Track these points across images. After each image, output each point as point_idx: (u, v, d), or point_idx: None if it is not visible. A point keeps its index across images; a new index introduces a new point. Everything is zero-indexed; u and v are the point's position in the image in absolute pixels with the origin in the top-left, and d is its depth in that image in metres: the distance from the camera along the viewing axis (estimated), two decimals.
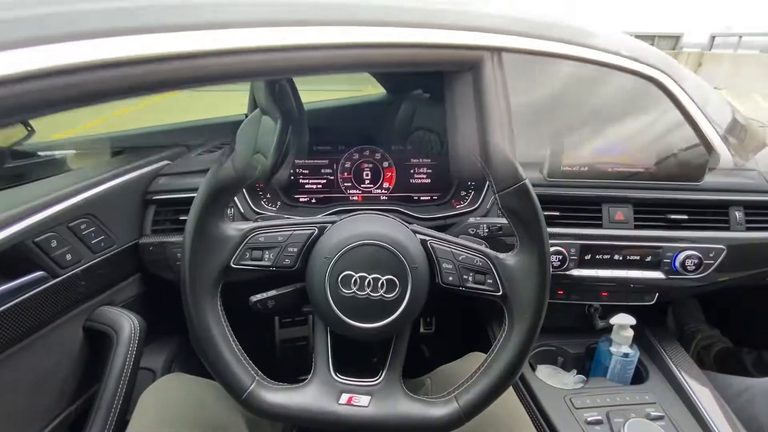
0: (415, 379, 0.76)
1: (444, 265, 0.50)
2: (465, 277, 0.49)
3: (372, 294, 0.47)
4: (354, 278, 0.47)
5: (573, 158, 0.77)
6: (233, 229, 0.48)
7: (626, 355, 0.80)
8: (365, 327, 0.47)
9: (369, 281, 0.47)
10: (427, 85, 0.99)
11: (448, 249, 0.50)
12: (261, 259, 0.49)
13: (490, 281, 0.49)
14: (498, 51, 0.47)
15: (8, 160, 0.77)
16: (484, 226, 0.66)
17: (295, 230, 0.50)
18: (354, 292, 0.47)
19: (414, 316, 0.50)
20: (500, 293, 0.49)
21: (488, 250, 0.50)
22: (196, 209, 0.45)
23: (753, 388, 0.80)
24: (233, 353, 0.48)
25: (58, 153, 0.81)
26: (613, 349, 0.81)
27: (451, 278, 0.50)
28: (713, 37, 9.93)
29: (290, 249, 0.49)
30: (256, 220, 0.58)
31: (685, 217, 0.77)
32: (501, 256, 0.50)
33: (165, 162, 0.82)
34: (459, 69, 0.47)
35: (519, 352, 0.48)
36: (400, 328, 0.50)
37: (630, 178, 0.79)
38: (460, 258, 0.50)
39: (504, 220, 0.68)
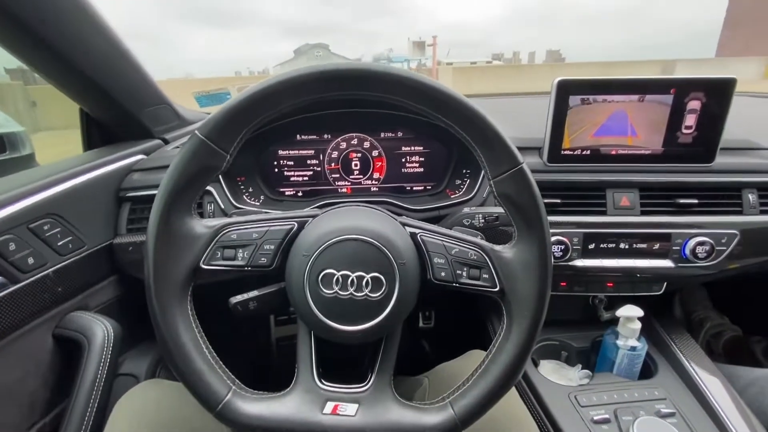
0: (413, 378, 0.72)
1: (435, 260, 0.46)
2: (458, 272, 0.45)
3: (356, 294, 0.42)
4: (336, 277, 0.42)
5: (574, 141, 0.72)
6: (202, 226, 0.43)
7: (633, 348, 0.76)
8: (349, 330, 0.43)
9: (352, 280, 0.42)
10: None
11: (440, 242, 0.46)
12: (234, 259, 0.44)
13: (486, 276, 0.45)
14: None
15: None
16: (480, 216, 0.61)
17: (271, 226, 0.46)
18: (336, 292, 0.42)
19: (404, 316, 0.45)
20: (497, 289, 0.45)
21: (483, 242, 0.46)
22: (158, 205, 0.40)
23: (762, 379, 0.75)
24: (206, 361, 0.44)
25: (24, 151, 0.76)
26: (619, 342, 0.77)
27: (443, 273, 0.45)
28: None
29: (266, 246, 0.45)
30: (231, 216, 0.54)
31: (695, 201, 0.72)
32: (497, 248, 0.45)
33: (139, 156, 0.77)
34: None
35: (518, 353, 0.43)
36: (388, 329, 0.46)
37: (635, 161, 0.74)
38: (452, 252, 0.46)
39: (501, 210, 0.63)
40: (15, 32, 0.57)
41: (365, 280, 0.42)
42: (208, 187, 0.72)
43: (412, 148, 0.81)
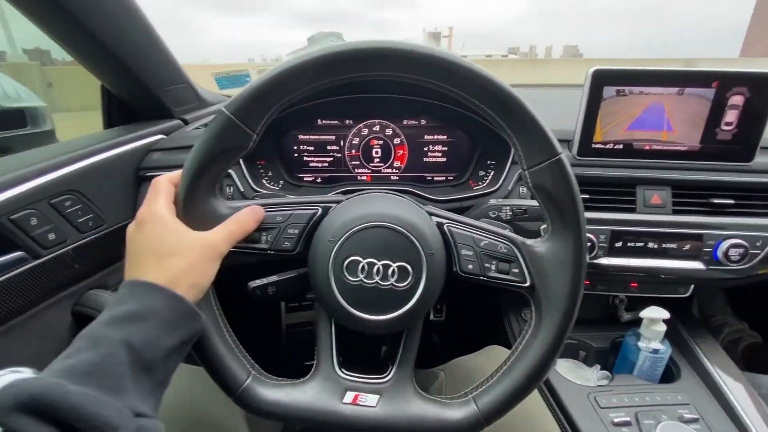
0: (428, 370, 0.71)
1: (463, 252, 0.44)
2: (487, 265, 0.43)
3: (381, 283, 0.41)
4: (361, 264, 0.41)
5: (606, 134, 0.70)
6: (226, 207, 0.42)
7: (656, 351, 0.74)
8: (373, 319, 0.42)
9: (378, 268, 0.41)
10: None
11: (468, 233, 0.44)
12: (257, 241, 0.43)
13: (515, 270, 0.43)
14: None
15: None
16: (507, 208, 0.59)
17: (295, 209, 0.44)
18: (361, 280, 0.41)
19: (428, 307, 0.44)
20: (527, 284, 0.43)
21: (514, 235, 0.44)
22: (183, 183, 0.39)
23: None
24: (226, 344, 0.43)
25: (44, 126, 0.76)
26: (641, 344, 0.75)
27: (471, 266, 0.44)
28: None
29: (290, 230, 0.44)
30: (253, 198, 0.53)
31: (731, 201, 0.69)
32: (529, 242, 0.43)
33: (159, 136, 0.76)
34: None
35: (547, 351, 0.42)
36: (412, 320, 0.45)
37: (669, 157, 0.71)
38: (481, 244, 0.44)
39: (529, 202, 0.61)
40: (43, 3, 0.56)
41: (391, 269, 0.41)
42: (228, 170, 0.71)
43: (435, 136, 0.79)
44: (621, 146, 0.70)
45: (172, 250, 0.35)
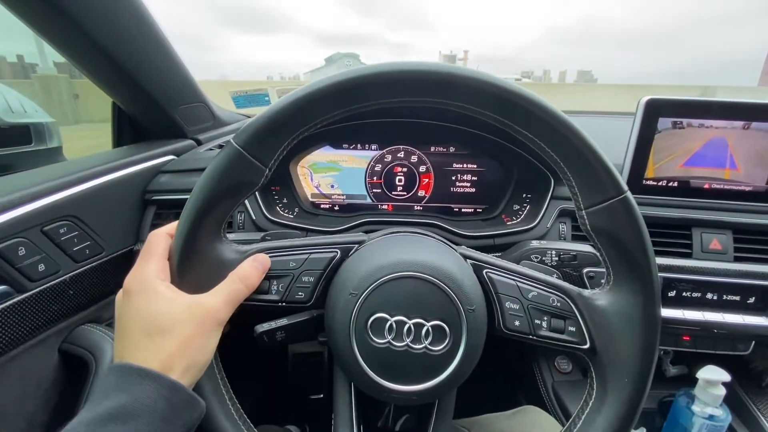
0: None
1: (507, 305, 0.37)
2: (537, 321, 0.37)
3: (413, 345, 0.34)
4: (389, 323, 0.34)
5: (659, 170, 0.62)
6: (233, 251, 0.36)
7: (712, 417, 0.65)
8: (402, 390, 0.35)
9: (409, 328, 0.34)
10: None
11: (512, 282, 0.38)
12: (267, 292, 0.37)
13: (572, 329, 0.36)
14: None
15: None
16: (552, 252, 0.52)
17: (311, 253, 0.38)
18: (389, 342, 0.34)
19: (468, 374, 0.37)
20: (587, 346, 0.36)
21: (568, 286, 0.37)
22: (184, 226, 0.33)
23: None
24: (230, 419, 0.36)
25: (51, 143, 0.71)
26: (696, 408, 0.65)
27: (517, 323, 0.37)
28: None
29: (305, 278, 0.38)
30: (263, 238, 0.47)
31: None
32: (586, 293, 0.37)
33: (170, 157, 0.71)
34: None
35: (615, 431, 0.34)
36: (447, 390, 0.37)
37: (732, 198, 0.63)
38: (529, 295, 0.37)
39: (579, 247, 0.54)
40: (47, 15, 0.53)
41: (425, 329, 0.34)
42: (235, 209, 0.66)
43: (465, 165, 0.72)
44: (676, 184, 0.63)
45: (164, 326, 0.29)
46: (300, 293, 0.37)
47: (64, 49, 0.60)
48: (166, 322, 0.29)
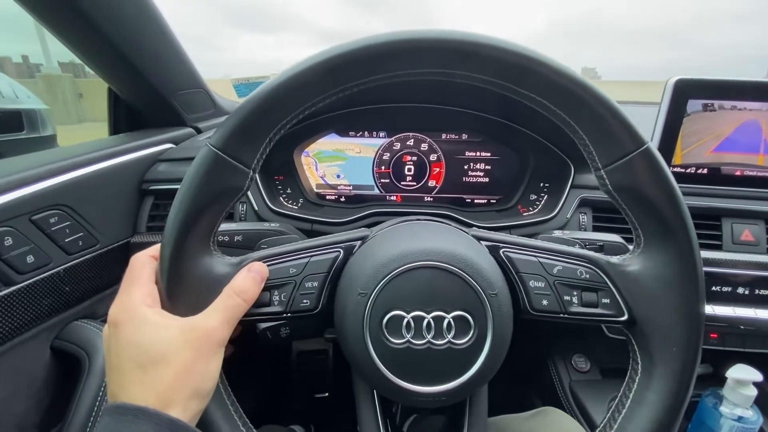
0: None
1: (532, 284, 0.34)
2: (566, 298, 0.34)
3: (435, 342, 0.31)
4: (406, 320, 0.31)
5: (688, 156, 0.58)
6: (224, 264, 0.32)
7: (741, 418, 0.61)
8: (431, 392, 0.31)
9: (428, 323, 0.31)
10: None
11: (533, 258, 0.35)
12: (268, 304, 0.33)
13: (606, 301, 0.33)
14: None
15: None
16: (578, 243, 0.48)
17: (312, 256, 0.35)
18: (408, 341, 0.31)
19: (498, 366, 0.33)
20: (625, 317, 0.33)
21: (595, 254, 0.34)
22: (168, 243, 0.29)
23: None
24: (227, 418, 0.33)
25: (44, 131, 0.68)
26: (724, 409, 0.62)
27: (545, 302, 0.34)
28: None
29: (308, 284, 0.34)
30: (260, 246, 0.43)
31: None
32: (615, 260, 0.33)
33: (168, 145, 0.68)
34: None
35: (671, 407, 0.30)
36: (478, 386, 0.34)
37: (765, 186, 0.59)
38: (554, 270, 0.34)
39: (606, 237, 0.50)
40: None
41: (446, 321, 0.31)
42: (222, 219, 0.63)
43: (478, 153, 0.69)
44: (705, 171, 0.59)
45: (157, 356, 0.26)
46: (305, 300, 0.34)
47: (58, 28, 0.57)
48: (159, 351, 0.26)
